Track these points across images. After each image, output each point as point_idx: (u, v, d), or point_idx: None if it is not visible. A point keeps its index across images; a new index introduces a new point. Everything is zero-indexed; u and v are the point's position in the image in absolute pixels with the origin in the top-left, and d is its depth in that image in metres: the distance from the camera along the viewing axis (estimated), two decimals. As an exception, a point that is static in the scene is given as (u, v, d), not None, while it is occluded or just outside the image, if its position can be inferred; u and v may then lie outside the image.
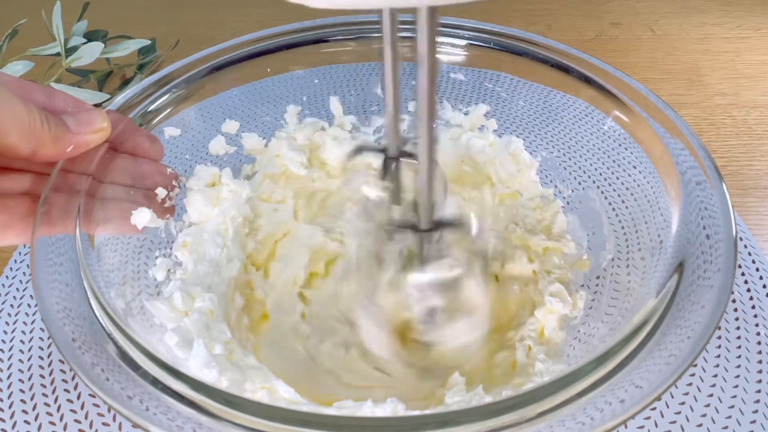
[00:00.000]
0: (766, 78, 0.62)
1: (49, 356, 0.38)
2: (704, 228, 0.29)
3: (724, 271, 0.27)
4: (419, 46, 0.21)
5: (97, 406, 0.35)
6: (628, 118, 0.37)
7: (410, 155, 0.31)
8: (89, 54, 0.54)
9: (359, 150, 0.32)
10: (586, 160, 0.40)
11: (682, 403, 0.35)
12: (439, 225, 0.28)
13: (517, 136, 0.43)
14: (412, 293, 0.30)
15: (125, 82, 0.61)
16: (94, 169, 0.33)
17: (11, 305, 0.41)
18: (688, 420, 0.34)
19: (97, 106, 0.34)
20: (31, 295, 0.41)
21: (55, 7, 0.54)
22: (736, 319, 0.39)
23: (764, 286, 0.41)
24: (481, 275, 0.31)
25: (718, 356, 0.37)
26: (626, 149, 0.37)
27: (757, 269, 0.42)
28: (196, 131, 0.41)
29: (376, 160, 0.32)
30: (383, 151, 0.32)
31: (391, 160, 0.32)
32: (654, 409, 0.35)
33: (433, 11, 0.20)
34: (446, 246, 0.29)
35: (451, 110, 0.45)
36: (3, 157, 0.31)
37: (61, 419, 0.35)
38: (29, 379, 0.37)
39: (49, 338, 0.39)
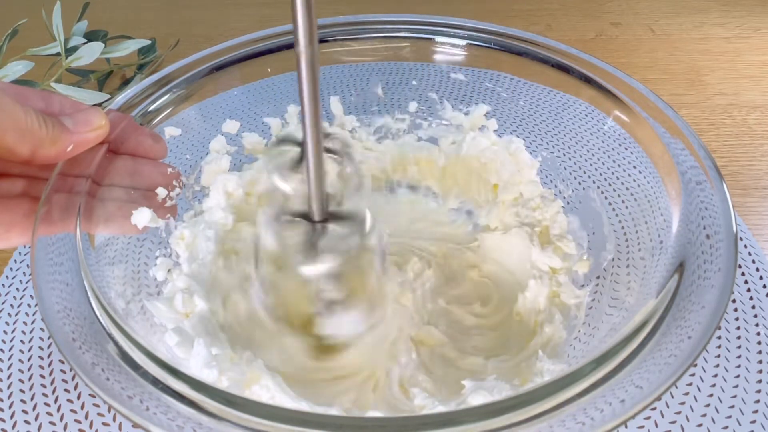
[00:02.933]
0: (766, 78, 0.62)
1: (49, 356, 0.38)
2: (704, 228, 0.29)
3: (725, 271, 0.27)
4: (299, 36, 0.23)
5: (97, 406, 0.35)
6: (628, 118, 0.37)
7: (328, 150, 0.31)
8: (89, 54, 0.54)
9: (280, 141, 0.32)
10: (586, 160, 0.40)
11: (682, 403, 0.35)
12: (331, 217, 0.29)
13: (518, 136, 0.43)
14: (309, 285, 0.31)
15: (125, 82, 0.61)
16: (94, 169, 0.33)
17: (11, 305, 0.41)
18: (688, 420, 0.34)
19: (97, 106, 0.34)
20: (31, 295, 0.41)
21: (55, 7, 0.54)
22: (736, 319, 0.39)
23: (764, 286, 0.41)
24: (372, 267, 0.32)
25: (718, 356, 0.37)
26: (626, 149, 0.37)
27: (757, 269, 0.42)
28: (197, 131, 0.41)
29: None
30: (301, 144, 0.32)
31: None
32: (654, 409, 0.35)
33: None
34: (340, 239, 0.29)
35: (452, 110, 0.45)
36: (2, 161, 0.31)
37: (61, 419, 0.35)
38: (29, 379, 0.37)
39: (49, 338, 0.39)
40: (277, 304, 0.35)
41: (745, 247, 0.44)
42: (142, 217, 0.34)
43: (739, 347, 0.38)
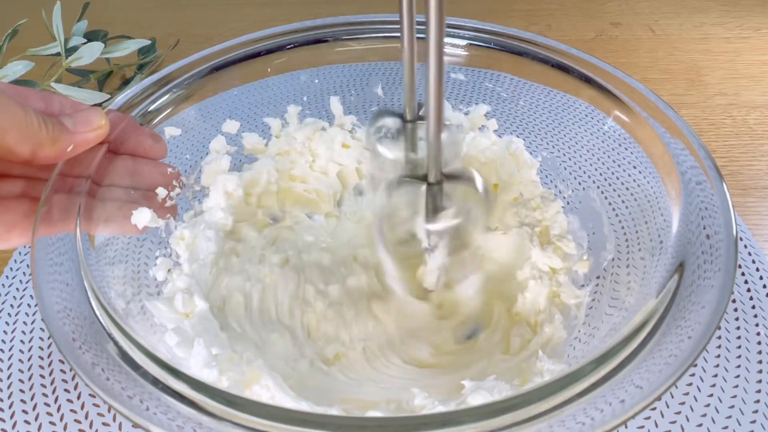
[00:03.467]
0: (766, 78, 0.62)
1: (49, 356, 0.38)
2: (704, 228, 0.29)
3: (725, 271, 0.27)
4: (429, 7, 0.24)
5: (97, 406, 0.35)
6: (628, 118, 0.37)
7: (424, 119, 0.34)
8: (89, 54, 0.54)
9: (380, 114, 0.35)
10: (586, 160, 0.40)
11: (682, 403, 0.35)
12: (446, 178, 0.31)
13: (518, 136, 0.43)
14: (423, 243, 0.33)
15: (125, 82, 0.61)
16: (94, 170, 0.33)
17: (11, 305, 0.41)
18: (688, 420, 0.34)
19: (97, 106, 0.34)
20: (31, 295, 0.41)
21: (55, 7, 0.54)
22: (736, 319, 0.39)
23: (764, 286, 0.41)
24: (483, 224, 0.34)
25: (718, 356, 0.37)
26: (626, 149, 0.37)
27: (757, 269, 0.42)
28: (197, 131, 0.41)
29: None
30: (401, 115, 0.35)
31: (408, 123, 0.35)
32: (654, 409, 0.35)
33: None
34: (452, 198, 0.32)
35: (452, 110, 0.45)
36: (2, 162, 0.31)
37: (61, 419, 0.35)
38: (29, 379, 0.37)
39: (49, 338, 0.39)
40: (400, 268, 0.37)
41: (745, 247, 0.44)
42: (142, 217, 0.34)
43: (739, 347, 0.38)
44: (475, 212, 0.32)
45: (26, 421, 0.35)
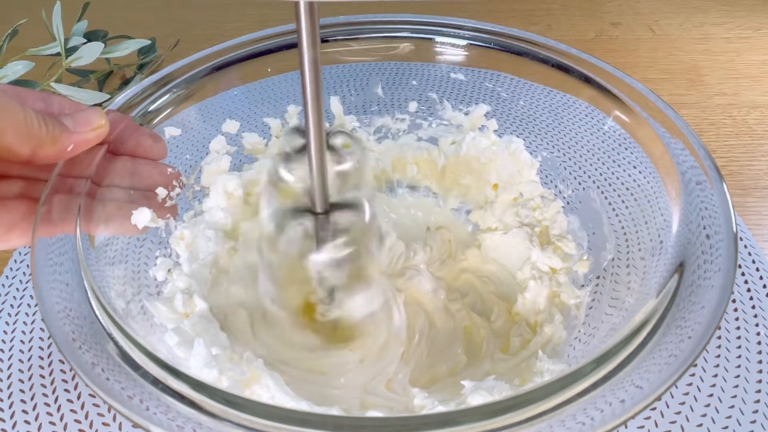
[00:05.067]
0: (766, 78, 0.62)
1: (49, 356, 0.38)
2: (704, 228, 0.29)
3: (725, 271, 0.27)
4: (302, 38, 0.23)
5: (97, 406, 0.35)
6: (628, 118, 0.37)
7: (330, 146, 0.32)
8: (89, 54, 0.54)
9: (292, 131, 0.33)
10: (586, 160, 0.40)
11: (682, 403, 0.35)
12: (333, 208, 0.30)
13: (518, 136, 0.43)
14: (311, 273, 0.32)
15: (125, 82, 0.61)
16: (94, 170, 0.33)
17: (11, 305, 0.41)
18: (688, 420, 0.34)
19: (97, 106, 0.34)
20: (31, 295, 0.41)
21: (55, 7, 0.54)
22: (736, 319, 0.39)
23: (764, 286, 0.41)
24: (372, 253, 0.33)
25: (718, 356, 0.37)
26: (626, 149, 0.37)
27: (757, 269, 0.42)
28: (197, 131, 0.41)
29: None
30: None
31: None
32: (654, 409, 0.35)
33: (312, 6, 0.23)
34: (341, 228, 0.31)
35: (452, 110, 0.45)
36: (2, 162, 0.31)
37: (61, 419, 0.35)
38: (29, 379, 0.37)
39: (49, 338, 0.39)
40: (282, 293, 0.35)
41: (745, 247, 0.44)
42: (142, 217, 0.34)
43: (739, 347, 0.38)
44: (363, 241, 0.31)
45: (26, 421, 0.35)
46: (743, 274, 0.42)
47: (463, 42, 0.43)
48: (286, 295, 0.35)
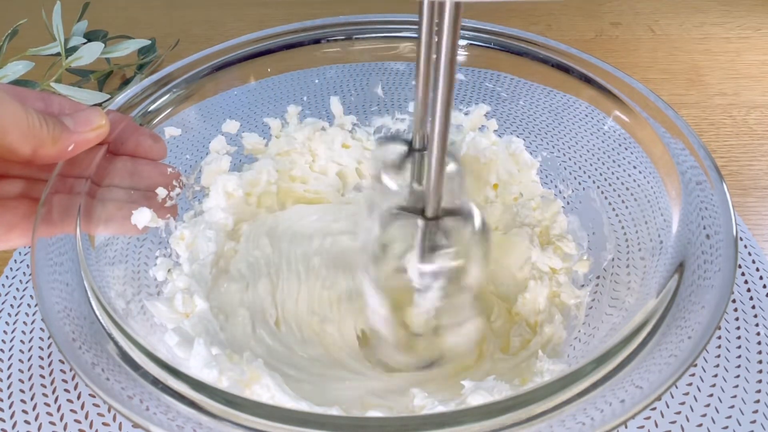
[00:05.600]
0: (766, 78, 0.62)
1: (49, 356, 0.38)
2: (704, 228, 0.29)
3: (725, 271, 0.27)
4: (443, 37, 0.22)
5: (97, 406, 0.35)
6: (628, 118, 0.37)
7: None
8: (89, 54, 0.54)
9: (387, 140, 0.33)
10: (586, 160, 0.40)
11: (682, 403, 0.35)
12: (445, 214, 0.29)
13: (518, 136, 0.43)
14: (414, 282, 0.30)
15: (125, 82, 0.61)
16: (94, 170, 0.33)
17: (11, 305, 0.41)
18: (688, 420, 0.34)
19: (97, 106, 0.34)
20: (31, 295, 0.41)
21: (55, 7, 0.54)
22: (736, 319, 0.39)
23: (764, 286, 0.41)
24: (481, 267, 0.31)
25: (718, 356, 0.37)
26: (626, 149, 0.37)
27: (757, 269, 0.42)
28: (197, 131, 0.41)
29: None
30: (409, 142, 0.33)
31: (415, 152, 0.33)
32: (654, 409, 0.35)
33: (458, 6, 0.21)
34: (451, 236, 0.29)
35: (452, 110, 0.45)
36: (3, 162, 0.31)
37: (61, 419, 0.35)
38: (29, 379, 0.37)
39: (49, 338, 0.39)
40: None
41: (745, 247, 0.44)
42: (143, 217, 0.34)
43: (739, 347, 0.38)
44: (474, 253, 0.30)
45: (26, 421, 0.35)
46: (743, 274, 0.42)
47: (463, 42, 0.43)
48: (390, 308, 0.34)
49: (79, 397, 0.36)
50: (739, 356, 0.37)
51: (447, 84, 0.24)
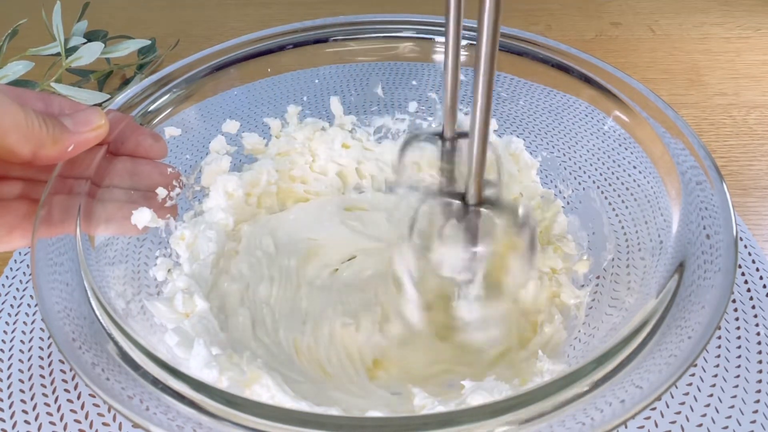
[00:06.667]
0: (766, 78, 0.62)
1: (49, 356, 0.38)
2: (704, 228, 0.29)
3: (725, 271, 0.27)
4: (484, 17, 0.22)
5: (97, 406, 0.35)
6: (628, 118, 0.37)
7: (465, 135, 0.32)
8: (89, 54, 0.54)
9: (412, 138, 0.33)
10: (586, 160, 0.40)
11: (682, 403, 0.35)
12: (487, 202, 0.28)
13: (518, 136, 0.43)
14: (454, 266, 0.30)
15: (125, 82, 0.61)
16: (94, 171, 0.33)
17: (11, 305, 0.41)
18: (688, 420, 0.34)
19: (97, 106, 0.34)
20: (31, 295, 0.41)
21: (55, 7, 0.54)
22: (736, 319, 0.39)
23: (764, 286, 0.41)
24: (525, 256, 0.31)
25: (718, 356, 0.37)
26: (626, 149, 0.37)
27: (757, 269, 0.42)
28: (197, 131, 0.41)
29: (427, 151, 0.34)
30: (439, 134, 0.33)
31: (447, 141, 0.33)
32: (654, 409, 0.35)
33: None
34: (493, 223, 0.29)
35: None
36: (3, 163, 0.31)
37: (61, 419, 0.35)
38: (29, 379, 0.37)
39: (49, 338, 0.39)
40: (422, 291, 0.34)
41: (745, 247, 0.44)
42: (143, 217, 0.34)
43: (739, 347, 0.38)
44: (520, 247, 0.29)
45: (26, 421, 0.35)
46: (743, 274, 0.42)
47: (463, 42, 0.43)
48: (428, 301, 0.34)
49: (79, 397, 0.36)
50: (739, 356, 0.37)
51: (488, 67, 0.24)
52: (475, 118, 0.25)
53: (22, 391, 0.36)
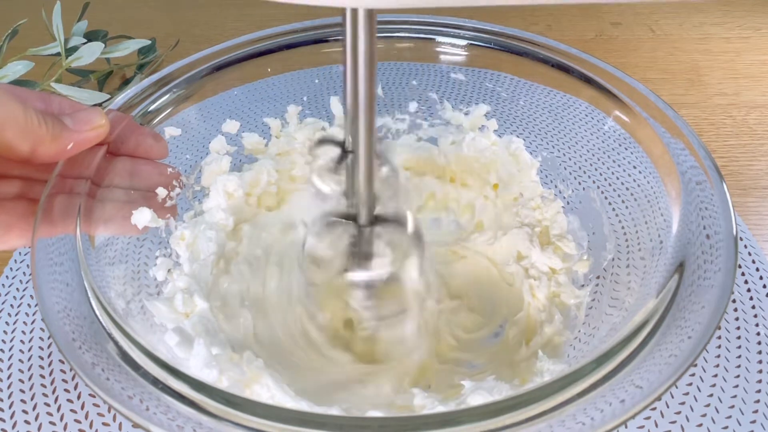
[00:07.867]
0: (766, 78, 0.62)
1: (49, 356, 0.38)
2: (704, 228, 0.29)
3: (725, 271, 0.27)
4: (360, 43, 0.22)
5: (97, 406, 0.35)
6: (628, 118, 0.37)
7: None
8: (89, 54, 0.54)
9: (321, 142, 0.31)
10: (586, 160, 0.40)
11: (682, 403, 0.35)
12: (377, 220, 0.29)
13: (518, 136, 0.43)
14: (352, 289, 0.31)
15: (125, 82, 0.61)
16: (94, 171, 0.33)
17: (11, 305, 0.41)
18: (688, 420, 0.34)
19: (97, 106, 0.34)
20: (31, 295, 0.41)
21: (55, 7, 0.54)
22: (736, 319, 0.39)
23: (764, 286, 0.41)
24: (417, 270, 0.31)
25: (718, 356, 0.37)
26: (626, 149, 0.37)
27: (757, 269, 0.42)
28: (197, 131, 0.41)
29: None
30: (342, 144, 0.30)
31: (348, 154, 0.30)
32: (654, 409, 0.35)
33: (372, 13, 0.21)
34: (385, 242, 0.29)
35: (452, 110, 0.45)
36: (2, 160, 0.31)
37: (61, 419, 0.35)
38: (29, 379, 0.37)
39: (49, 338, 0.39)
40: (322, 309, 0.34)
41: (745, 247, 0.44)
42: (143, 217, 0.34)
43: (739, 347, 0.38)
44: (408, 258, 0.29)
45: (26, 421, 0.35)
46: (743, 274, 0.42)
47: (463, 42, 0.43)
48: (327, 310, 0.34)
49: (79, 397, 0.36)
50: (739, 356, 0.37)
51: (368, 83, 0.23)
52: (358, 135, 0.24)
53: (22, 391, 0.36)
